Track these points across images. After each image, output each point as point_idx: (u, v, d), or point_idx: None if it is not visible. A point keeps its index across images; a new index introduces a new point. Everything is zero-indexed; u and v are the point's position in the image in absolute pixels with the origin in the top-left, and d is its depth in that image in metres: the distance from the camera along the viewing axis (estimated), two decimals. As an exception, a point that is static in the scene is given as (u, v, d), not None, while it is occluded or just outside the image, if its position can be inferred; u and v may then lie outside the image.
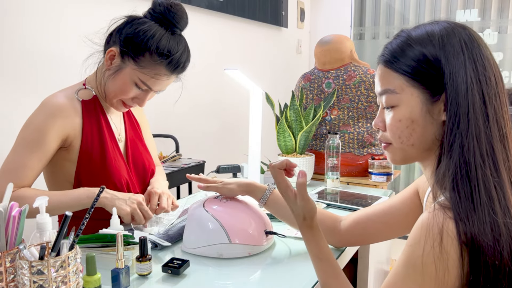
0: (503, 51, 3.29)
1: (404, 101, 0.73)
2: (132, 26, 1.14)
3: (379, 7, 3.69)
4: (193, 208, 1.11)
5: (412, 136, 0.74)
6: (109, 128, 1.25)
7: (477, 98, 0.67)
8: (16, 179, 1.10)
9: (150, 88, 1.18)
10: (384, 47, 0.77)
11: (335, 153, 1.70)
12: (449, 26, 0.72)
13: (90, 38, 1.21)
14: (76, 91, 1.22)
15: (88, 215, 0.75)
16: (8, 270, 0.72)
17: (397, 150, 0.77)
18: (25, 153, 1.12)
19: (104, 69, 1.19)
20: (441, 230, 0.64)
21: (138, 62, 1.14)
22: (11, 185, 0.78)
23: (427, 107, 0.71)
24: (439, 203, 0.67)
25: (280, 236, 1.12)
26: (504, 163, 0.68)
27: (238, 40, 2.91)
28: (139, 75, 1.15)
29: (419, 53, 0.71)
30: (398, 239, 1.32)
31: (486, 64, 0.69)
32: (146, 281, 0.92)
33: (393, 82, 0.74)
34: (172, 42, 1.15)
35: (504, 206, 0.65)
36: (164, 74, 1.16)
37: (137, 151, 1.34)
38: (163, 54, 1.13)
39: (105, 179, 1.20)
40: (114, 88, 1.18)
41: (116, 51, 1.15)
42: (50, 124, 1.13)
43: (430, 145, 0.74)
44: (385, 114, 0.77)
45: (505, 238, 0.63)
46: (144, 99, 1.21)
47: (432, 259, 0.64)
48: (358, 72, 1.98)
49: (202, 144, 2.61)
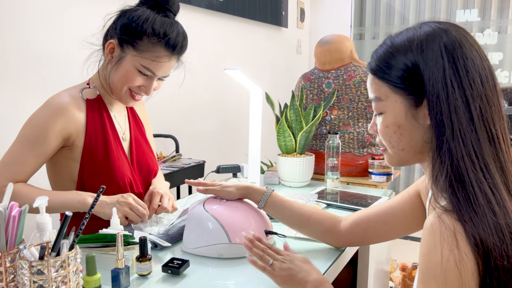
0: (503, 51, 3.29)
1: (389, 108, 0.75)
2: (126, 15, 1.17)
3: (379, 7, 3.70)
4: (193, 208, 1.11)
5: (401, 141, 0.75)
6: (113, 127, 1.25)
7: (459, 102, 0.67)
8: (12, 173, 1.12)
9: (153, 73, 1.18)
10: (371, 55, 0.78)
11: (335, 153, 1.70)
12: (429, 30, 0.71)
13: (89, 40, 1.22)
14: (80, 90, 1.22)
15: (88, 215, 0.75)
16: (8, 270, 0.72)
17: (392, 155, 0.79)
18: (23, 149, 1.13)
19: (106, 63, 1.20)
20: (454, 232, 0.63)
21: (137, 47, 1.15)
22: (11, 185, 0.78)
23: (411, 112, 0.73)
24: (443, 207, 0.67)
25: (280, 236, 1.12)
26: (495, 164, 0.67)
27: (238, 40, 2.91)
28: (140, 60, 1.16)
29: (400, 62, 0.72)
30: (398, 239, 1.32)
31: (470, 66, 0.68)
32: (146, 281, 0.92)
33: (379, 90, 0.76)
34: (166, 23, 1.17)
35: (502, 206, 0.65)
36: (164, 55, 1.17)
37: (141, 150, 1.34)
38: (159, 34, 1.15)
39: (108, 178, 1.20)
40: (119, 77, 1.18)
41: (114, 42, 1.17)
42: (51, 123, 1.13)
43: (420, 148, 0.75)
44: (377, 119, 0.79)
45: (508, 238, 0.63)
46: (150, 86, 1.21)
47: (453, 263, 0.62)
48: (358, 72, 1.98)
49: (202, 144, 2.61)
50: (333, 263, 1.03)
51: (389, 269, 1.88)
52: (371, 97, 0.79)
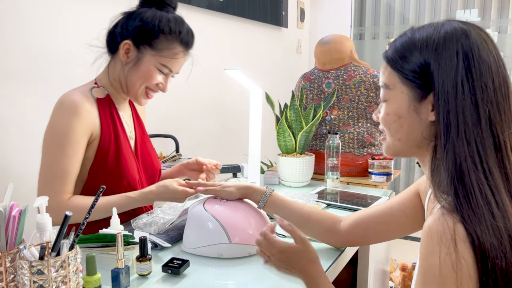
0: (503, 51, 3.29)
1: (394, 97, 0.76)
2: (136, 18, 1.19)
3: (379, 7, 3.70)
4: (193, 208, 1.11)
5: (400, 131, 0.77)
6: (122, 126, 1.26)
7: (467, 103, 0.67)
8: (63, 185, 1.12)
9: (171, 70, 1.23)
10: (391, 43, 0.80)
11: (335, 153, 1.70)
12: (450, 30, 0.71)
13: (92, 43, 1.23)
14: (90, 89, 1.22)
15: (88, 215, 0.75)
16: (8, 270, 0.72)
17: (389, 143, 0.80)
18: (62, 157, 1.12)
19: (123, 64, 1.21)
20: (454, 235, 0.63)
21: (155, 46, 1.19)
22: (11, 185, 0.78)
23: (414, 105, 0.74)
24: (445, 208, 0.67)
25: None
26: (499, 170, 0.67)
27: (238, 40, 2.91)
28: (159, 59, 1.20)
29: (414, 56, 0.73)
30: (398, 239, 1.33)
31: (484, 70, 0.68)
32: (146, 281, 0.92)
33: (389, 78, 0.77)
34: (179, 21, 1.22)
35: (502, 209, 0.64)
36: (180, 51, 1.22)
37: (145, 149, 1.36)
38: (176, 32, 1.19)
39: (119, 177, 1.21)
40: (138, 77, 1.21)
41: (130, 43, 1.19)
42: (76, 123, 1.13)
43: (418, 142, 0.76)
44: (381, 106, 0.81)
45: (506, 240, 0.63)
46: (166, 83, 1.26)
47: (450, 266, 0.63)
48: (358, 72, 1.98)
49: (202, 144, 2.61)
50: (333, 263, 1.03)
51: (389, 269, 1.88)
52: (380, 83, 0.80)
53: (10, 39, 1.59)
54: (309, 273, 0.83)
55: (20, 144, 1.60)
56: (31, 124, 1.57)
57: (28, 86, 1.65)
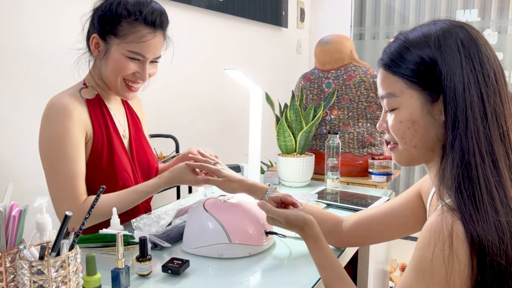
0: (503, 51, 3.29)
1: (404, 104, 0.74)
2: (98, 9, 1.18)
3: (379, 7, 3.69)
4: (193, 208, 1.11)
5: (415, 137, 0.74)
6: (114, 126, 1.25)
7: (474, 98, 0.67)
8: (74, 191, 1.12)
9: (143, 56, 1.17)
10: (383, 50, 0.78)
11: (335, 153, 1.70)
12: (445, 26, 0.72)
13: (74, 47, 1.22)
14: (78, 91, 1.21)
15: (88, 215, 0.75)
16: (8, 270, 0.72)
17: (402, 152, 0.78)
18: (67, 162, 1.11)
19: (97, 59, 1.20)
20: (451, 232, 0.64)
21: (119, 34, 1.15)
22: (11, 185, 0.78)
23: (427, 108, 0.72)
24: (447, 205, 0.67)
25: (280, 236, 1.12)
26: (504, 162, 0.68)
27: (238, 40, 2.91)
28: (126, 46, 1.15)
29: (416, 55, 0.71)
30: (398, 239, 1.33)
31: (485, 61, 0.69)
32: (146, 281, 0.92)
33: (393, 86, 0.75)
34: (139, 2, 1.15)
35: (505, 204, 0.65)
36: (147, 33, 1.15)
37: (141, 148, 1.34)
38: (135, 13, 1.14)
39: (113, 177, 1.20)
40: (110, 69, 1.18)
41: (97, 37, 1.17)
42: (71, 124, 1.12)
43: (432, 145, 0.74)
44: (387, 116, 0.78)
45: (508, 236, 0.63)
46: (144, 71, 1.19)
47: (441, 262, 0.64)
48: (358, 72, 1.97)
49: (202, 144, 2.60)
50: (333, 263, 1.03)
51: (389, 269, 1.88)
52: (382, 94, 0.77)
53: (10, 39, 1.59)
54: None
55: (20, 144, 1.60)
56: (31, 124, 1.57)
57: (28, 86, 1.65)
